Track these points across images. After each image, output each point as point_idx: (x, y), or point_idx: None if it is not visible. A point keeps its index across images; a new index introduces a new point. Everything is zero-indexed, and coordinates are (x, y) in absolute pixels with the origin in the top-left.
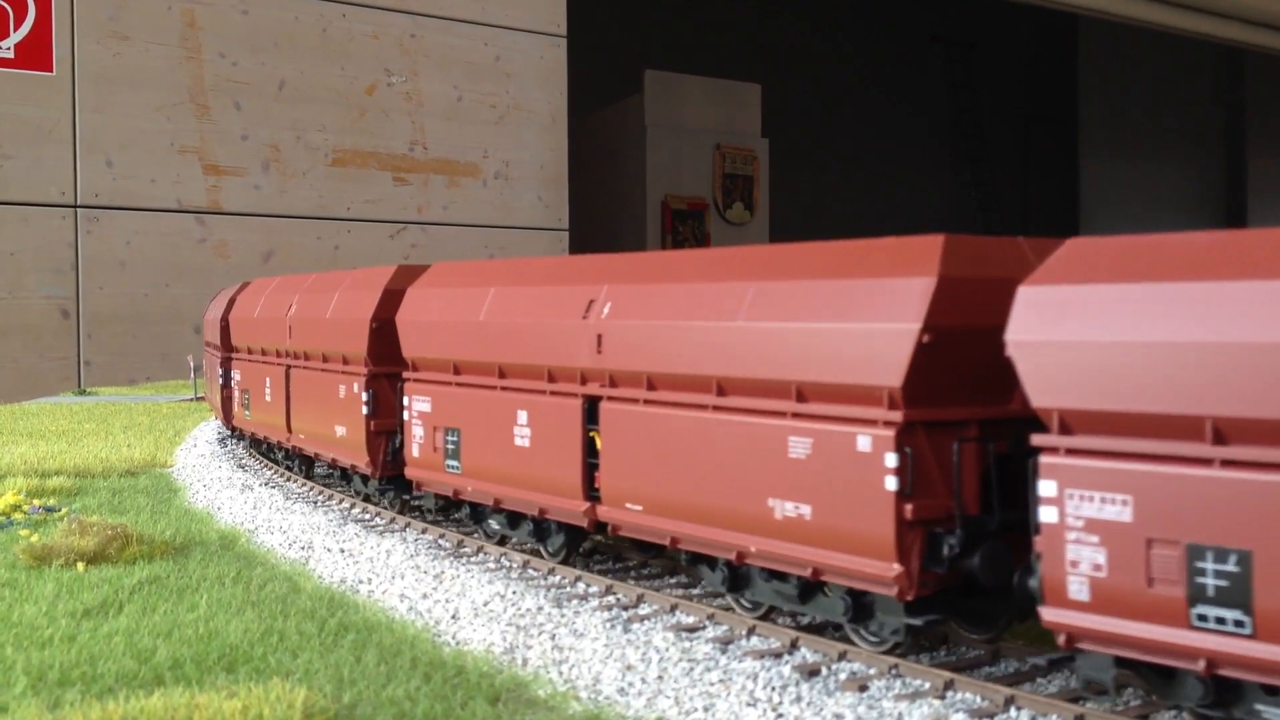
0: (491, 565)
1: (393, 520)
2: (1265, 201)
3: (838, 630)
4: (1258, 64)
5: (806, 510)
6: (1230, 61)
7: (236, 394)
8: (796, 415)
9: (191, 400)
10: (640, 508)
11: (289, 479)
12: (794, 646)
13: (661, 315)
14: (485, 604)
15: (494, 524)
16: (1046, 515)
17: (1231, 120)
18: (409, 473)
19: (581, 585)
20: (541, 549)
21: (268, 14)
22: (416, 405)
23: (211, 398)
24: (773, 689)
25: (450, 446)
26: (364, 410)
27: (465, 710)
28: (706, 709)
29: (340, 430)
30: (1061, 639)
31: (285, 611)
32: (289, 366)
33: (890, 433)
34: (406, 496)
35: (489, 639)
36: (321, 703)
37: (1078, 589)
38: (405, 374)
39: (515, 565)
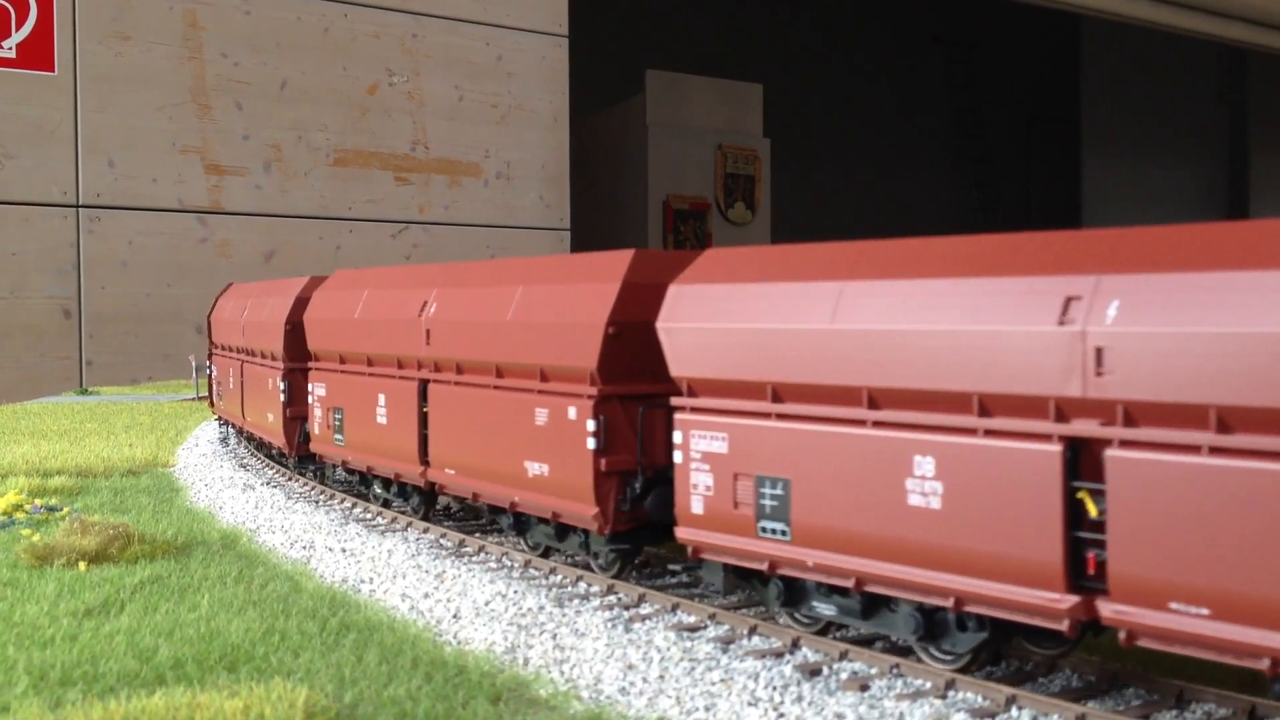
0: (493, 565)
1: (394, 520)
2: (1267, 201)
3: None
4: (1260, 64)
5: (545, 469)
6: (1232, 61)
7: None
8: (540, 392)
9: (193, 400)
10: (454, 471)
11: (290, 478)
12: (795, 646)
13: (469, 314)
14: (486, 603)
15: (377, 488)
16: (678, 456)
17: (1234, 120)
18: (312, 447)
19: (583, 585)
20: (406, 507)
21: (269, 14)
22: (316, 390)
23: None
24: (774, 688)
25: (337, 422)
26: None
27: (466, 710)
28: (708, 708)
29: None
30: (690, 552)
31: (287, 611)
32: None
33: (590, 403)
34: (317, 468)
35: (490, 638)
36: (323, 702)
37: (696, 506)
38: (310, 364)
39: (517, 565)
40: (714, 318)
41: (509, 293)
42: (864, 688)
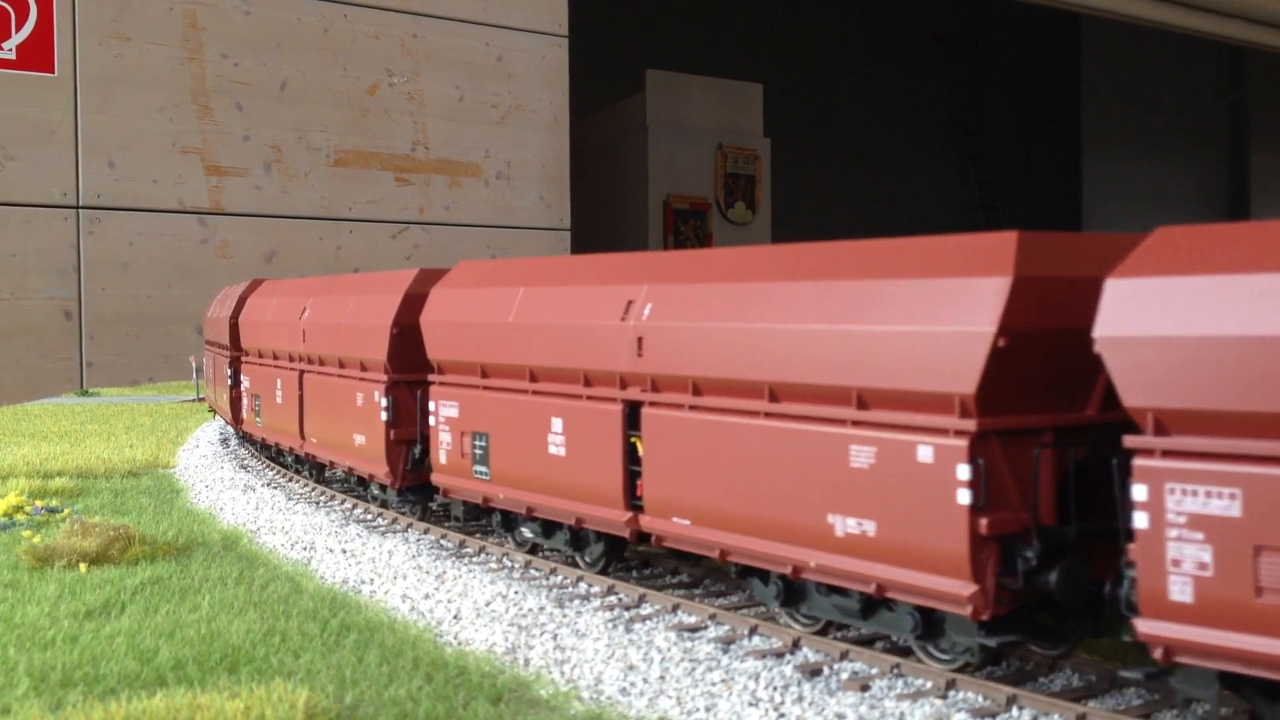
0: (493, 566)
1: (394, 521)
2: (1268, 200)
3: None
4: (1260, 62)
5: (870, 526)
6: (1232, 60)
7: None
8: (857, 424)
9: (194, 401)
10: (688, 521)
11: (290, 479)
12: (796, 646)
13: (707, 317)
14: (487, 604)
15: (526, 532)
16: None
17: (1234, 119)
18: (436, 479)
19: (583, 585)
20: (578, 558)
21: (269, 15)
22: (444, 410)
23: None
24: (775, 689)
25: (478, 452)
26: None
27: (467, 710)
28: (708, 709)
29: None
30: (1158, 652)
31: (287, 612)
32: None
33: (963, 443)
34: (431, 504)
35: (491, 639)
36: (324, 703)
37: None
38: (429, 377)
39: (517, 566)
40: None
41: (791, 290)
42: (865, 688)
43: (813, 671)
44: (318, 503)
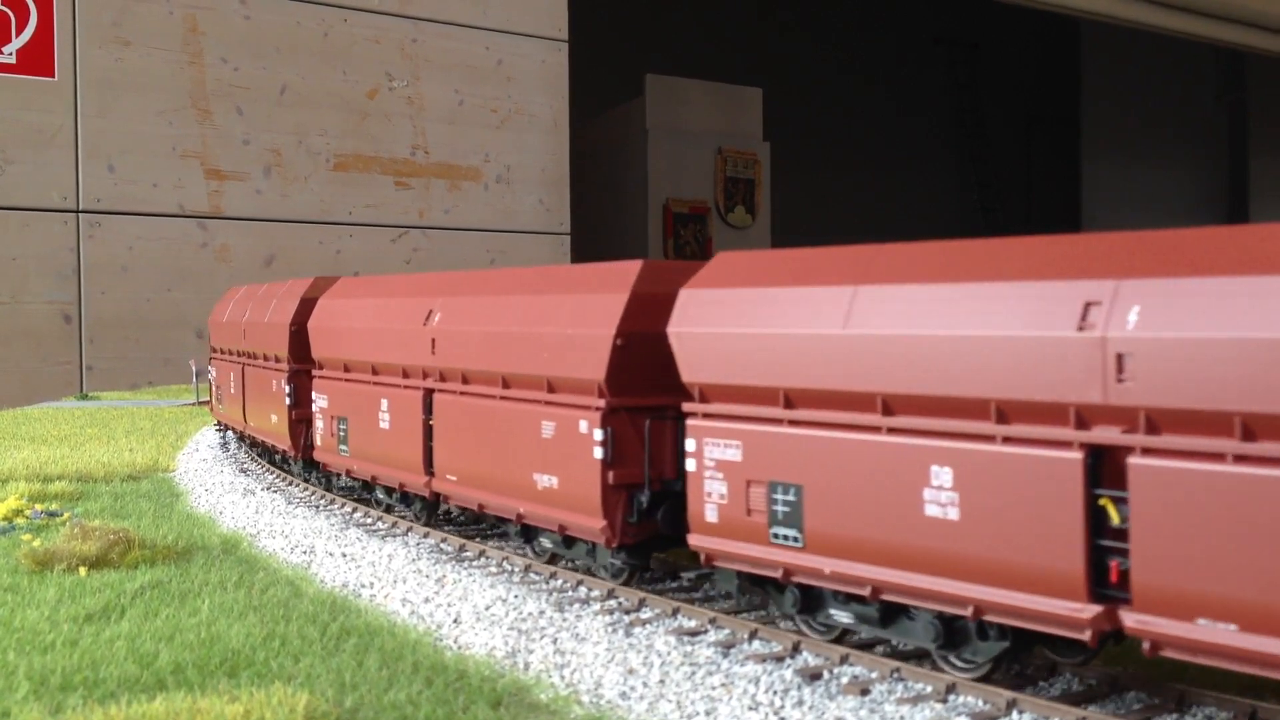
0: (493, 570)
1: (394, 525)
2: (1267, 202)
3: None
4: (1259, 65)
5: (555, 481)
6: (1232, 62)
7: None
8: (548, 404)
9: (193, 405)
10: (456, 478)
11: (290, 483)
12: (796, 650)
13: (475, 323)
14: (487, 608)
15: (380, 494)
16: (690, 464)
17: (1233, 122)
18: (315, 455)
19: (583, 589)
20: (409, 514)
21: (269, 19)
22: (318, 400)
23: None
24: (775, 693)
25: (341, 433)
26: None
27: (467, 714)
28: (708, 713)
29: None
30: (702, 559)
31: (287, 616)
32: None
33: (598, 415)
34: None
35: (491, 643)
36: (323, 707)
37: (711, 515)
38: (314, 372)
39: (517, 569)
40: (726, 322)
41: (516, 303)
42: (865, 692)
43: (813, 676)
44: (317, 507)
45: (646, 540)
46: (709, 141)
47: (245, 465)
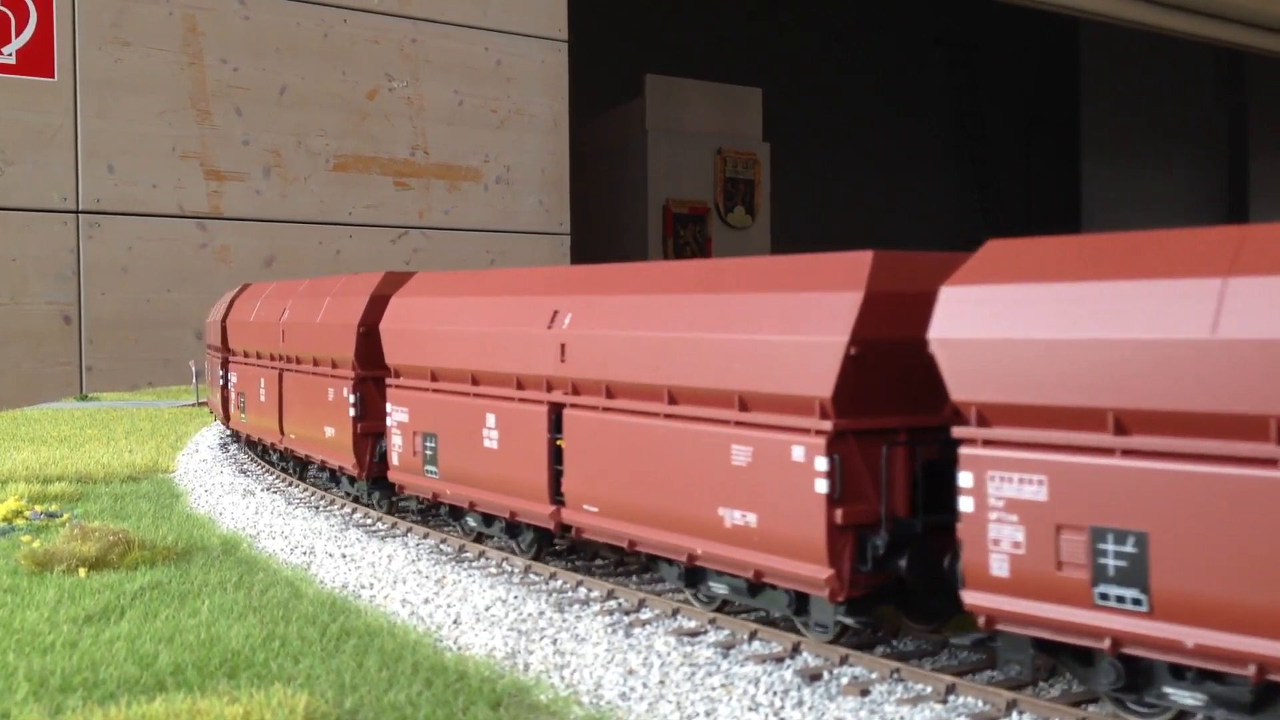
0: (493, 570)
1: (394, 525)
2: (1267, 203)
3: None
4: (1259, 66)
5: (751, 518)
6: (1231, 64)
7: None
8: (740, 424)
9: (193, 405)
10: (596, 509)
11: (290, 483)
12: (796, 651)
13: (624, 326)
14: (487, 609)
15: (470, 521)
16: (967, 504)
17: (1233, 122)
18: (392, 475)
19: (583, 590)
20: (515, 545)
21: (269, 19)
22: (395, 413)
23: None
24: (774, 693)
25: (428, 451)
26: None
27: (467, 715)
28: (708, 713)
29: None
30: (981, 621)
31: (287, 617)
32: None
33: (822, 441)
34: (394, 498)
35: (491, 644)
36: (323, 708)
37: (998, 568)
38: (390, 381)
39: (517, 570)
40: (1024, 326)
41: (685, 302)
42: (864, 692)
43: (813, 676)
44: (317, 507)
45: (875, 592)
46: (709, 142)
47: (245, 466)
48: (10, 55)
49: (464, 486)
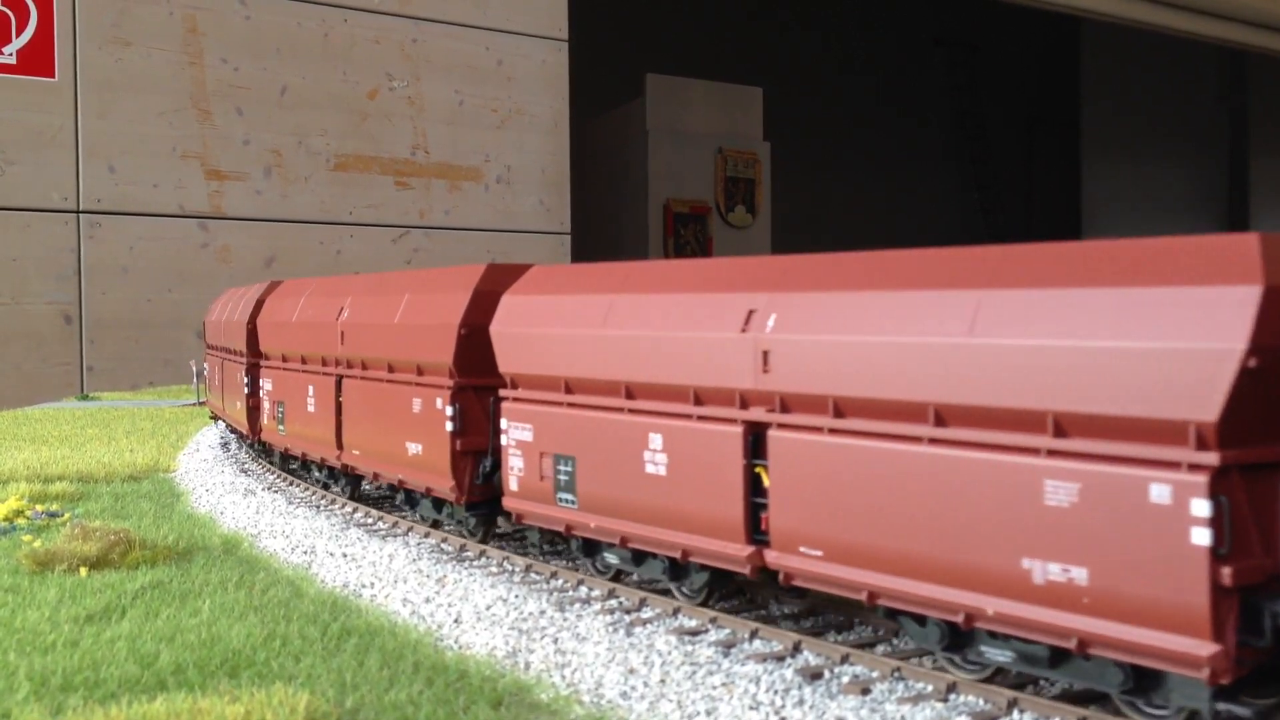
0: (494, 570)
1: (395, 525)
2: (1268, 203)
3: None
4: (1260, 66)
5: (1081, 574)
6: (1233, 63)
7: None
8: (1053, 453)
9: (194, 405)
10: (820, 553)
11: (291, 483)
12: (797, 649)
13: (850, 330)
14: (488, 608)
15: (611, 558)
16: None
17: (1234, 122)
18: (509, 503)
19: (584, 589)
20: (675, 589)
21: (270, 19)
22: (515, 431)
23: None
24: (775, 692)
25: (563, 478)
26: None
27: (468, 714)
28: (709, 712)
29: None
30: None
31: (288, 616)
32: None
33: (1201, 478)
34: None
35: (492, 643)
36: (324, 707)
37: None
38: (505, 392)
39: (518, 570)
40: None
41: (960, 299)
42: (865, 691)
43: (813, 675)
44: (318, 507)
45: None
46: (709, 141)
47: (246, 465)
48: (11, 55)
49: (613, 519)
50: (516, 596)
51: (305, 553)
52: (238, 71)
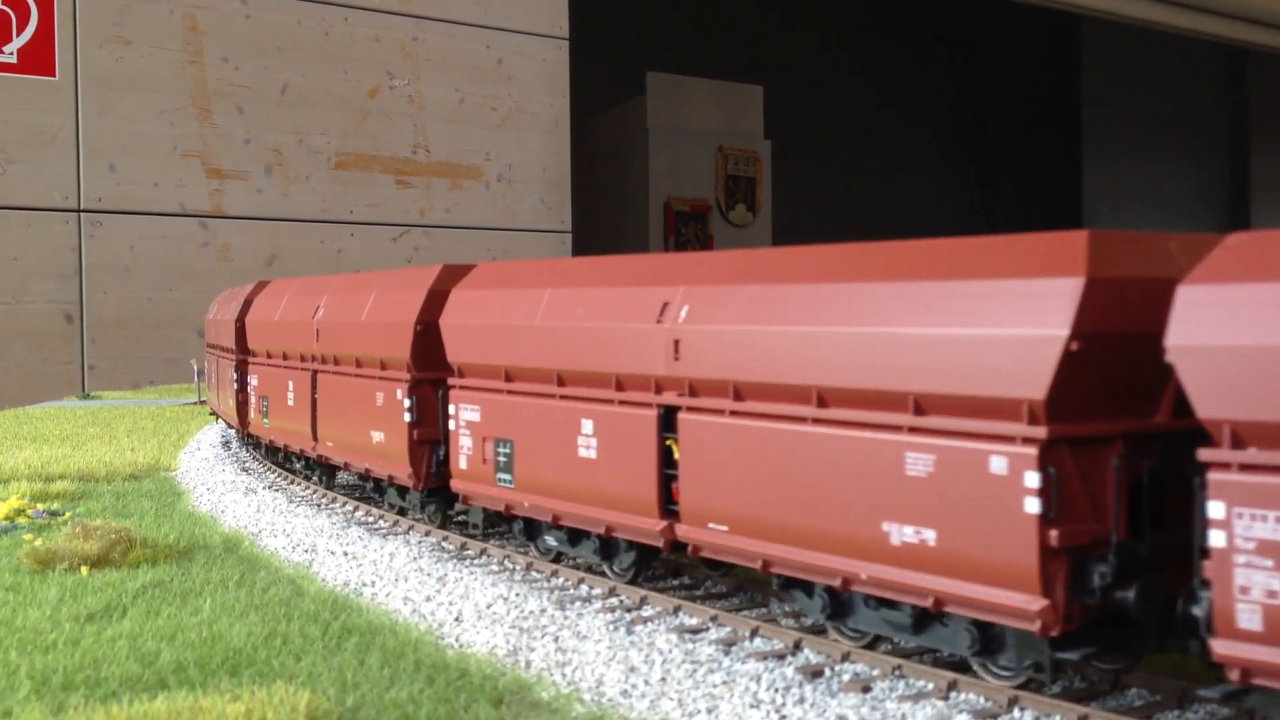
0: (495, 568)
1: (395, 523)
2: (1268, 200)
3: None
4: (1260, 63)
5: (930, 535)
6: (1233, 61)
7: None
8: (914, 430)
9: (195, 404)
10: (725, 527)
11: (292, 482)
12: (797, 648)
13: (750, 320)
14: (488, 606)
15: (550, 540)
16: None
17: (1234, 120)
18: (456, 485)
19: (585, 588)
20: (606, 568)
21: (270, 18)
22: (463, 415)
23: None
24: (776, 690)
25: (501, 459)
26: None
27: (469, 713)
28: (710, 711)
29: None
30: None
31: (289, 615)
32: None
33: (1032, 450)
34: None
35: (492, 641)
36: (325, 706)
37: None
38: (452, 381)
39: (519, 568)
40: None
41: (841, 291)
42: (866, 689)
43: (814, 673)
44: (319, 505)
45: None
46: (710, 140)
47: (247, 464)
48: (11, 54)
49: (545, 497)
50: (517, 595)
51: (306, 551)
52: (238, 70)
